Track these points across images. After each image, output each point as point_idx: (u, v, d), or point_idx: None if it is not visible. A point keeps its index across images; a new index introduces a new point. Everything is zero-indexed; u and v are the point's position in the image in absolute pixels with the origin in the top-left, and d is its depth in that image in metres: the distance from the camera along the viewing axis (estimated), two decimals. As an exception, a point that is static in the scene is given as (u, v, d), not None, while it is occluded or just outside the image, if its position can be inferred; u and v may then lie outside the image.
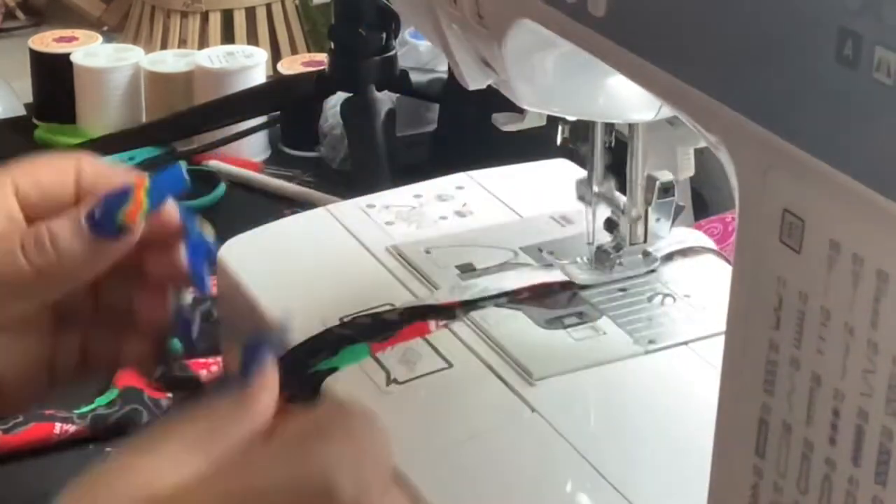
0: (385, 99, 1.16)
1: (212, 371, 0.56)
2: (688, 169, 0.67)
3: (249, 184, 1.20)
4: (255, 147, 1.25)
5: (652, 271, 0.68)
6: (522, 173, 0.78)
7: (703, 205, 1.04)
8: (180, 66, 1.27)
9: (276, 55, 1.41)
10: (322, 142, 1.23)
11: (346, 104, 1.17)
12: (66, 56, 1.27)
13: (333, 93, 1.20)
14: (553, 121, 0.66)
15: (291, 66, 1.31)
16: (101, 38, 1.32)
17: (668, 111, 0.59)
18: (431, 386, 0.60)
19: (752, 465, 0.44)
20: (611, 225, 0.67)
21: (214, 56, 1.26)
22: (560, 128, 0.66)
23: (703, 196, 1.04)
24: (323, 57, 1.26)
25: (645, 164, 0.64)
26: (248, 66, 1.25)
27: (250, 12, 1.44)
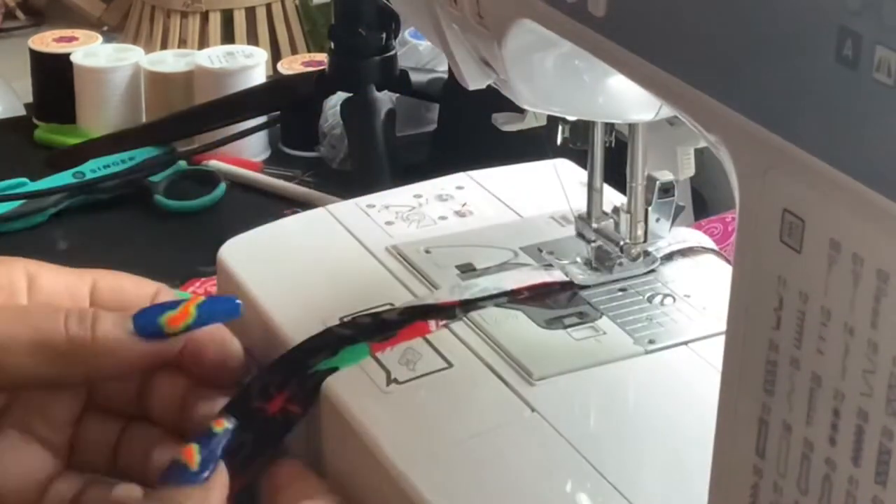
0: (385, 99, 1.16)
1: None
2: (688, 169, 0.67)
3: (249, 184, 1.20)
4: (255, 147, 1.25)
5: (652, 271, 0.68)
6: (522, 173, 0.78)
7: (703, 205, 1.04)
8: (180, 66, 1.27)
9: (276, 55, 1.41)
10: (322, 142, 1.23)
11: (346, 104, 1.17)
12: (66, 56, 1.27)
13: (333, 93, 1.20)
14: (553, 121, 0.66)
15: (291, 66, 1.31)
16: (101, 38, 1.32)
17: (668, 111, 0.59)
18: (431, 386, 0.60)
19: (752, 465, 0.44)
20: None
21: (214, 56, 1.26)
22: (560, 128, 0.66)
23: (703, 196, 1.04)
24: (323, 57, 1.26)
25: (645, 164, 0.64)
26: (248, 66, 1.25)
27: (250, 12, 1.44)
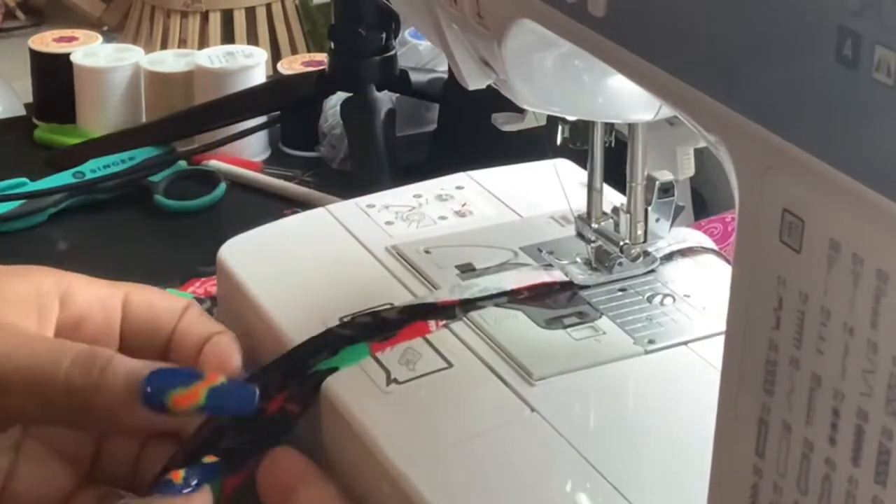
0: (385, 99, 1.16)
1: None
2: (688, 169, 0.67)
3: (249, 184, 1.20)
4: (255, 147, 1.25)
5: (652, 271, 0.68)
6: (522, 173, 0.78)
7: (703, 205, 1.04)
8: (180, 66, 1.27)
9: (276, 55, 1.41)
10: (322, 142, 1.23)
11: (346, 104, 1.17)
12: (66, 56, 1.27)
13: (333, 93, 1.20)
14: (553, 121, 0.66)
15: (291, 66, 1.31)
16: (101, 38, 1.32)
17: (667, 111, 0.59)
18: (431, 386, 0.60)
19: (752, 465, 0.44)
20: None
21: (214, 56, 1.26)
22: (560, 128, 0.66)
23: (703, 196, 1.04)
24: (323, 57, 1.26)
25: (645, 164, 0.64)
26: (248, 66, 1.25)
27: (250, 12, 1.44)
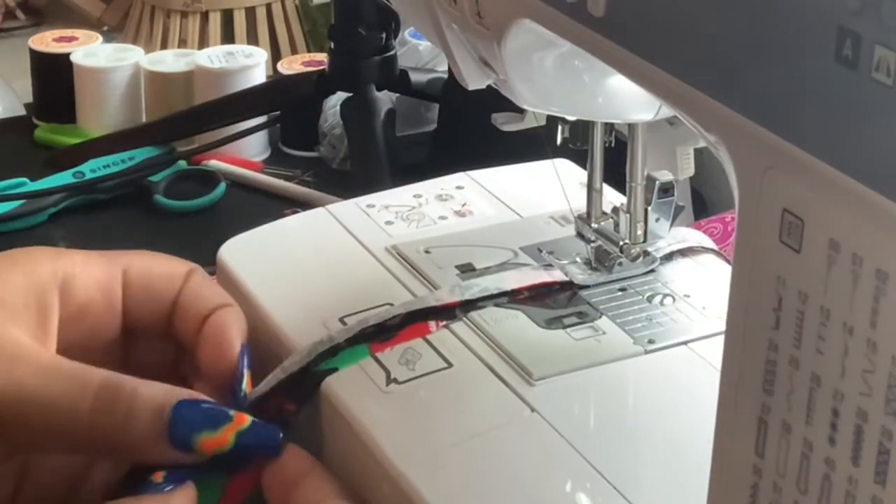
0: (385, 99, 1.16)
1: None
2: (688, 169, 0.67)
3: (249, 184, 1.20)
4: (255, 147, 1.25)
5: (652, 271, 0.68)
6: (522, 173, 0.78)
7: (703, 205, 1.04)
8: (180, 66, 1.27)
9: (276, 55, 1.41)
10: (322, 142, 1.23)
11: (346, 104, 1.17)
12: (66, 56, 1.27)
13: (333, 93, 1.20)
14: (553, 121, 0.66)
15: (291, 66, 1.31)
16: (101, 38, 1.32)
17: (667, 111, 0.59)
18: (431, 386, 0.60)
19: (752, 465, 0.44)
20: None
21: (214, 56, 1.26)
22: (560, 128, 0.66)
23: (703, 196, 1.04)
24: (323, 57, 1.26)
25: (645, 164, 0.64)
26: (248, 66, 1.25)
27: (250, 12, 1.44)
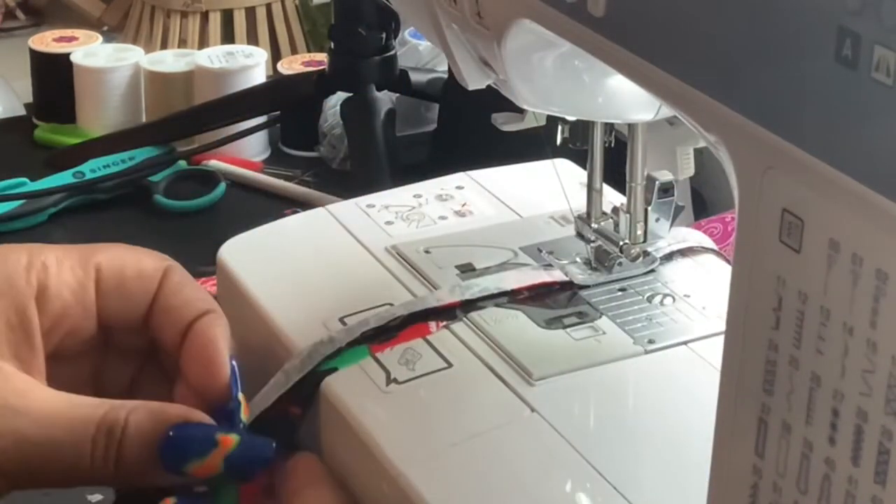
0: (385, 99, 1.16)
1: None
2: (688, 169, 0.67)
3: (249, 184, 1.20)
4: (255, 147, 1.26)
5: (651, 271, 0.68)
6: (522, 173, 0.78)
7: (703, 205, 1.04)
8: (180, 66, 1.27)
9: (276, 55, 1.41)
10: (322, 142, 1.23)
11: (346, 104, 1.17)
12: (66, 56, 1.27)
13: (333, 93, 1.20)
14: (553, 121, 0.66)
15: (291, 66, 1.31)
16: (101, 38, 1.32)
17: (667, 111, 0.59)
18: (431, 386, 0.60)
19: (752, 465, 0.44)
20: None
21: (214, 56, 1.26)
22: (560, 128, 0.66)
23: (703, 196, 1.05)
24: (323, 57, 1.26)
25: (644, 164, 0.64)
26: (248, 66, 1.25)
27: (250, 12, 1.44)
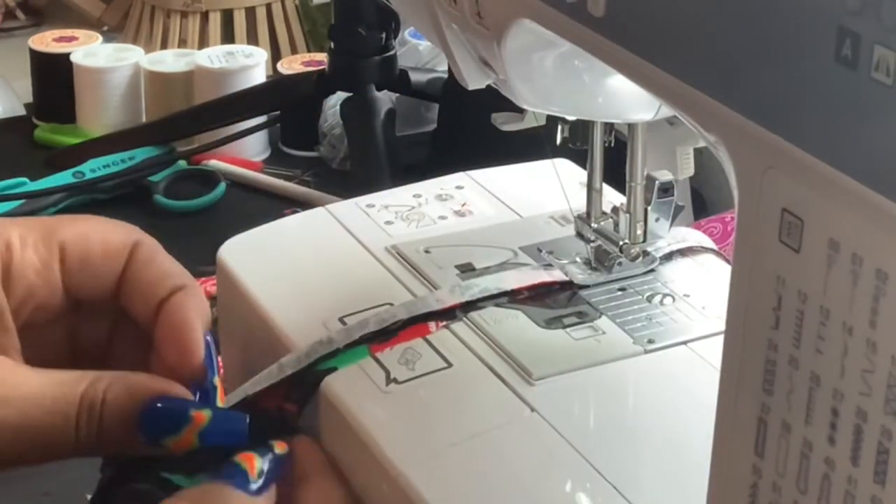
0: (385, 99, 1.16)
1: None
2: (687, 169, 0.67)
3: (249, 183, 1.20)
4: (255, 147, 1.26)
5: (651, 271, 0.68)
6: (522, 173, 0.78)
7: (702, 205, 1.04)
8: (180, 66, 1.27)
9: (276, 55, 1.41)
10: (322, 142, 1.23)
11: (345, 104, 1.17)
12: (66, 56, 1.27)
13: (333, 93, 1.20)
14: (553, 121, 0.66)
15: (291, 66, 1.31)
16: (100, 38, 1.32)
17: (667, 111, 0.59)
18: (431, 386, 0.60)
19: (752, 465, 0.44)
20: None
21: (214, 56, 1.26)
22: (560, 128, 0.66)
23: (703, 196, 1.05)
24: (323, 57, 1.26)
25: (644, 164, 0.64)
26: (248, 65, 1.25)
27: (250, 12, 1.44)
